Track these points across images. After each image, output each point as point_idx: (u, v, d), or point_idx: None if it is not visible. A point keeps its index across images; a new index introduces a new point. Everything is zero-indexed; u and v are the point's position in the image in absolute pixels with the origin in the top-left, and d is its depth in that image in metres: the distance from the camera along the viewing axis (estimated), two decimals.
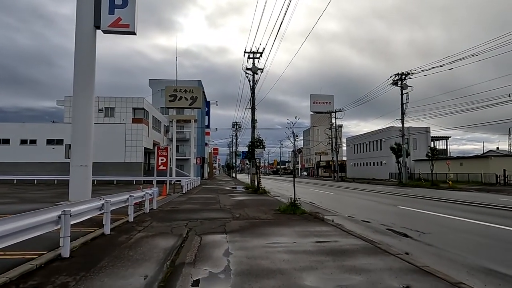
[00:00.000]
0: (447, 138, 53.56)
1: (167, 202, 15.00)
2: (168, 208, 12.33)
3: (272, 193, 22.58)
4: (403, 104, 36.63)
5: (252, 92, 29.87)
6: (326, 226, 8.68)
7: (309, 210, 12.00)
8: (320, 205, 14.97)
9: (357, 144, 64.68)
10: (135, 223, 8.66)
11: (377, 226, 9.36)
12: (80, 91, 11.94)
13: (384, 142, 52.99)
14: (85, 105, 12.06)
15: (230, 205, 13.66)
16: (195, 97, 36.55)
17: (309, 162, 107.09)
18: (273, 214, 11.04)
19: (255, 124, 29.60)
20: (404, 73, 35.98)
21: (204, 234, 7.38)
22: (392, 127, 49.14)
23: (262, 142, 23.14)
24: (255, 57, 29.78)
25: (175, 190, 21.26)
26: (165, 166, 20.63)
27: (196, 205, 13.75)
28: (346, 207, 14.70)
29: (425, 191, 25.89)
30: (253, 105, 29.99)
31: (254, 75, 29.93)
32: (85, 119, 12.09)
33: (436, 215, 11.54)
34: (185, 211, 11.61)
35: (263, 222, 9.20)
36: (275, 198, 18.33)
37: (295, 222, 9.34)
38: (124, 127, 36.03)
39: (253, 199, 17.11)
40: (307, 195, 20.82)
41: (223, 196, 18.49)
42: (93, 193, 21.32)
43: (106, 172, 34.86)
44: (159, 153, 20.64)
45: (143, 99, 36.98)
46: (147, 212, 10.82)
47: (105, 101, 36.40)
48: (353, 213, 12.09)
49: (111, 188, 25.86)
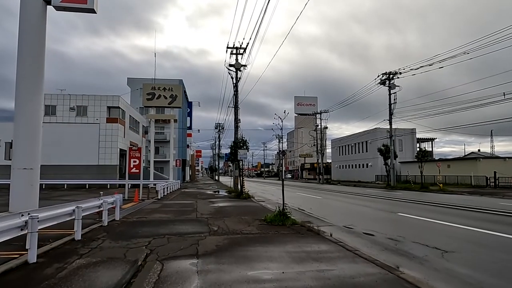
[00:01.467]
0: (432, 140, 53.17)
1: (136, 210, 13.02)
2: (134, 219, 10.38)
3: (257, 197, 20.85)
4: (391, 104, 35.59)
5: (235, 90, 28.10)
6: (324, 243, 6.98)
7: (299, 219, 10.31)
8: (311, 212, 13.30)
9: (342, 146, 63.75)
10: (81, 243, 6.72)
11: (384, 241, 7.73)
12: (26, 79, 9.89)
13: (370, 144, 52.11)
14: (31, 95, 10.02)
15: (209, 214, 11.82)
16: (174, 96, 34.47)
17: (293, 165, 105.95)
18: (259, 225, 9.28)
19: (238, 124, 27.83)
20: (392, 73, 34.98)
21: (168, 260, 5.55)
22: (378, 128, 48.32)
23: (245, 142, 21.40)
24: (238, 53, 28.09)
25: (149, 196, 19.22)
26: (138, 168, 18.58)
27: (169, 214, 11.83)
28: (340, 214, 13.09)
29: (417, 194, 24.67)
30: (236, 103, 28.21)
31: (237, 71, 28.22)
32: (32, 112, 10.06)
33: (446, 225, 10.02)
34: (152, 223, 9.70)
35: (246, 239, 7.42)
36: (259, 204, 16.58)
37: (286, 237, 7.61)
38: (98, 127, 33.57)
39: (235, 205, 15.30)
40: (294, 199, 19.17)
41: (202, 203, 16.60)
42: (52, 199, 18.98)
43: (77, 175, 32.39)
44: (131, 155, 18.59)
45: (118, 97, 34.59)
46: (104, 226, 8.87)
47: (77, 99, 33.83)
48: (350, 223, 10.46)
49: (80, 193, 23.56)
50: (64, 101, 33.56)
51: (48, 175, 31.89)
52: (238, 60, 27.99)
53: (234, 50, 28.14)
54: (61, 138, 32.52)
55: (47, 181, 31.31)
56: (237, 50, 28.12)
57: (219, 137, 71.63)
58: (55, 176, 31.92)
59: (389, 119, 36.18)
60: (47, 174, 32.01)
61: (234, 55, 28.18)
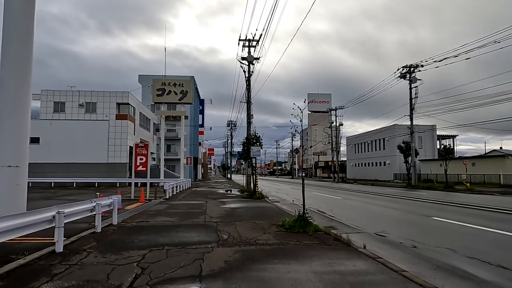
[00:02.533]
0: (454, 136, 50.74)
1: (139, 212, 11.84)
2: (133, 223, 9.16)
3: (271, 197, 19.51)
4: (411, 99, 33.70)
5: (247, 84, 26.80)
6: (360, 259, 5.59)
7: (322, 224, 8.94)
8: (333, 216, 11.88)
9: (358, 143, 61.74)
10: (60, 257, 5.50)
11: (432, 255, 6.28)
12: (10, 62, 8.72)
13: (388, 141, 50.10)
14: (17, 81, 8.84)
15: (218, 218, 10.53)
16: (185, 91, 33.33)
17: (306, 163, 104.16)
18: (276, 233, 7.93)
19: (250, 120, 26.54)
20: (413, 65, 33.08)
21: (162, 285, 4.26)
22: (396, 125, 46.29)
23: (258, 139, 20.07)
24: (251, 45, 26.80)
25: (156, 195, 18.08)
26: (144, 166, 17.45)
27: (174, 217, 10.59)
28: (366, 218, 11.63)
29: (443, 194, 22.89)
30: (248, 98, 26.90)
31: (250, 65, 26.91)
32: (18, 103, 8.90)
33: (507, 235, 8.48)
34: (153, 228, 8.45)
35: (262, 252, 6.08)
36: (274, 204, 15.23)
37: (310, 249, 6.25)
38: (107, 123, 32.76)
39: (248, 206, 13.98)
40: (312, 200, 17.76)
41: (212, 203, 15.34)
42: (56, 198, 18.02)
43: (86, 173, 31.65)
44: (138, 151, 17.46)
45: (127, 93, 33.70)
46: (97, 232, 7.67)
47: (86, 95, 33.08)
48: (382, 229, 9.01)
49: (87, 192, 22.62)
50: (73, 98, 32.86)
51: (57, 173, 31.30)
52: (250, 53, 26.71)
53: (247, 43, 26.87)
54: (70, 136, 31.84)
55: (56, 179, 30.69)
56: (249, 43, 26.83)
57: (231, 135, 70.53)
58: (64, 174, 31.26)
59: (409, 114, 34.31)
60: (56, 172, 31.44)
61: (246, 47, 26.92)
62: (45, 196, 19.30)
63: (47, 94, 32.49)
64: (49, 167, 31.45)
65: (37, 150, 31.80)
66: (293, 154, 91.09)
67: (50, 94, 32.55)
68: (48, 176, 30.68)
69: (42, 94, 32.57)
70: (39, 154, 31.64)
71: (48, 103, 32.48)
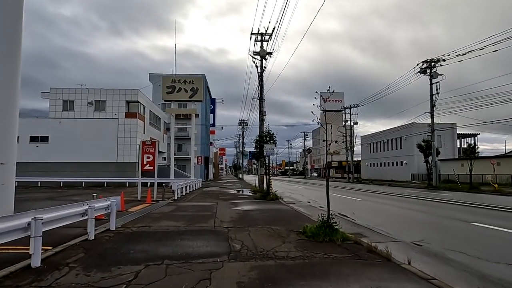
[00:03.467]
0: (475, 135, 48.60)
1: (144, 215, 10.80)
2: (133, 229, 8.09)
3: (285, 198, 18.30)
4: (432, 95, 32.00)
5: (260, 80, 25.66)
6: (409, 281, 4.37)
7: (349, 230, 7.75)
8: (357, 220, 10.64)
9: (373, 143, 59.93)
10: (34, 275, 4.44)
11: (495, 274, 5.02)
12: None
13: (405, 140, 48.28)
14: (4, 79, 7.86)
15: (230, 222, 9.40)
16: (195, 89, 32.38)
17: (319, 163, 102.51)
18: (297, 242, 6.75)
19: (263, 117, 25.39)
20: (434, 60, 31.39)
21: None
22: (414, 123, 44.49)
23: (272, 136, 18.90)
24: (264, 39, 25.67)
25: (164, 196, 17.06)
26: (152, 165, 16.47)
27: (181, 221, 9.50)
28: (395, 223, 10.35)
29: (470, 196, 21.30)
30: (261, 95, 25.76)
31: (263, 60, 25.78)
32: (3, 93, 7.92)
33: None
34: (155, 235, 7.36)
35: (283, 268, 4.92)
36: (290, 207, 14.05)
37: (342, 265, 5.06)
38: (116, 122, 32.08)
39: (262, 209, 12.83)
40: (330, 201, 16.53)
41: (223, 205, 14.24)
42: (60, 199, 17.10)
43: (95, 173, 30.99)
44: (145, 150, 16.49)
45: (137, 91, 32.93)
46: (90, 240, 6.61)
47: (95, 93, 32.42)
48: (419, 237, 7.74)
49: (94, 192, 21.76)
50: (82, 96, 32.24)
51: (66, 172, 30.73)
52: (263, 47, 25.58)
53: (259, 37, 25.75)
54: (79, 134, 31.26)
55: (64, 179, 30.11)
56: (261, 37, 25.71)
57: (242, 134, 69.53)
58: (73, 173, 30.67)
59: (430, 111, 32.62)
60: (64, 171, 30.86)
61: (259, 42, 25.81)
62: (50, 196, 18.53)
63: (56, 93, 31.95)
64: (58, 166, 30.93)
65: (47, 149, 31.35)
66: (305, 154, 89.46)
67: (59, 92, 32.01)
68: (57, 175, 30.16)
69: (51, 93, 32.05)
70: (49, 153, 31.18)
71: (57, 102, 31.94)
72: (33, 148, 31.16)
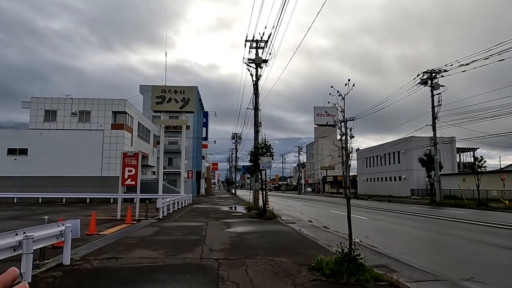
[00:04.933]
0: (474, 149, 47.45)
1: (116, 240, 8.88)
2: (94, 263, 6.17)
3: (283, 217, 16.43)
4: (434, 107, 30.78)
5: (255, 89, 24.11)
6: None
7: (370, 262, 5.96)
8: (375, 246, 8.86)
9: (370, 157, 58.51)
10: None
11: None
12: None
13: (403, 154, 46.93)
14: None
15: (221, 250, 7.55)
16: (187, 99, 30.72)
17: (313, 177, 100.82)
18: (313, 284, 4.94)
19: (258, 128, 23.73)
20: (435, 71, 30.30)
21: None
22: (413, 137, 43.22)
23: (269, 148, 17.15)
24: (259, 47, 24.25)
25: (148, 214, 15.05)
26: (134, 180, 14.60)
27: (160, 249, 7.61)
28: (421, 250, 8.60)
29: (483, 214, 19.68)
30: (256, 104, 24.16)
31: (258, 68, 24.30)
32: None
33: None
34: (120, 275, 5.47)
35: None
36: (291, 227, 12.23)
37: None
38: (101, 134, 30.10)
39: (260, 231, 10.98)
40: (333, 221, 14.75)
41: (214, 226, 12.35)
42: (29, 218, 14.83)
43: (78, 188, 28.76)
44: (126, 162, 14.65)
45: (124, 101, 31.16)
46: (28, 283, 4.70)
47: (80, 103, 30.53)
48: (464, 274, 5.97)
49: (73, 210, 19.70)
50: (66, 106, 30.31)
51: (46, 187, 28.45)
52: (258, 54, 24.14)
53: (254, 44, 24.35)
54: (61, 147, 29.16)
55: (43, 195, 27.87)
56: (257, 44, 24.31)
57: (236, 148, 67.72)
58: (53, 189, 28.39)
59: (432, 124, 31.36)
60: (45, 186, 28.57)
61: (254, 49, 24.41)
62: (17, 215, 16.40)
63: (37, 102, 29.99)
64: (38, 181, 28.70)
65: (26, 163, 29.14)
66: (299, 169, 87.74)
67: (41, 101, 30.05)
68: (36, 190, 27.92)
69: (33, 102, 30.08)
70: (28, 167, 28.96)
71: (39, 112, 29.94)
72: (11, 161, 28.95)
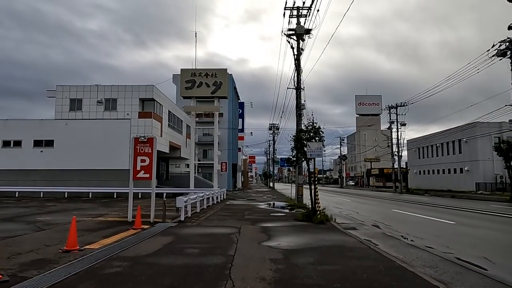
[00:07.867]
0: None
1: (96, 263, 5.70)
2: None
3: (337, 218, 12.62)
4: None
5: (296, 65, 20.42)
6: None
7: None
8: None
9: (423, 147, 52.51)
10: None
11: None
12: None
13: (465, 142, 40.98)
14: None
15: None
16: (219, 83, 27.64)
17: (355, 170, 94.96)
18: None
19: (301, 111, 20.02)
20: None
21: None
22: (478, 122, 37.40)
23: (318, 130, 13.37)
24: (300, 14, 20.46)
25: (165, 215, 11.90)
26: (148, 172, 11.50)
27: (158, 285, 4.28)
28: None
29: None
30: (297, 83, 20.48)
31: (299, 40, 20.53)
32: None
33: None
34: None
35: None
36: (355, 236, 8.52)
37: None
38: (129, 123, 27.81)
39: (316, 246, 7.40)
40: (406, 225, 10.83)
41: (248, 235, 8.93)
42: (17, 221, 12.27)
43: (105, 181, 26.68)
44: (138, 150, 11.56)
45: (152, 86, 28.59)
46: None
47: (106, 90, 28.43)
48: None
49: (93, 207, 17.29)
50: (91, 94, 28.32)
51: (72, 181, 26.70)
52: (300, 23, 20.34)
53: (294, 12, 20.57)
54: (87, 138, 27.20)
55: (69, 189, 26.11)
56: (298, 11, 20.53)
57: (273, 139, 64.31)
58: (80, 182, 26.54)
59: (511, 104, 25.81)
60: (71, 180, 26.83)
61: (295, 17, 20.65)
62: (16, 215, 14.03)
63: (62, 91, 28.26)
64: (64, 174, 27.01)
65: (52, 155, 27.57)
66: (341, 161, 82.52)
67: (66, 90, 28.30)
68: (63, 185, 26.23)
69: (57, 91, 28.40)
70: (54, 160, 27.37)
71: (64, 101, 28.21)
72: (37, 153, 27.47)
